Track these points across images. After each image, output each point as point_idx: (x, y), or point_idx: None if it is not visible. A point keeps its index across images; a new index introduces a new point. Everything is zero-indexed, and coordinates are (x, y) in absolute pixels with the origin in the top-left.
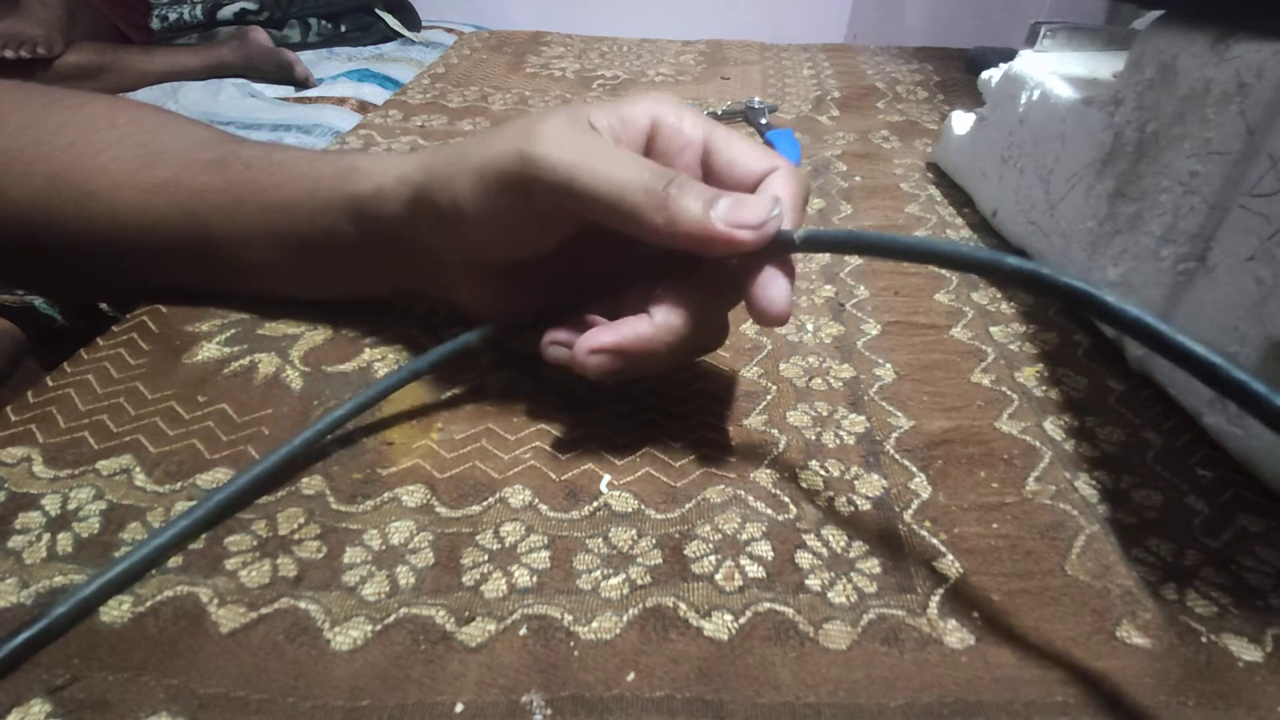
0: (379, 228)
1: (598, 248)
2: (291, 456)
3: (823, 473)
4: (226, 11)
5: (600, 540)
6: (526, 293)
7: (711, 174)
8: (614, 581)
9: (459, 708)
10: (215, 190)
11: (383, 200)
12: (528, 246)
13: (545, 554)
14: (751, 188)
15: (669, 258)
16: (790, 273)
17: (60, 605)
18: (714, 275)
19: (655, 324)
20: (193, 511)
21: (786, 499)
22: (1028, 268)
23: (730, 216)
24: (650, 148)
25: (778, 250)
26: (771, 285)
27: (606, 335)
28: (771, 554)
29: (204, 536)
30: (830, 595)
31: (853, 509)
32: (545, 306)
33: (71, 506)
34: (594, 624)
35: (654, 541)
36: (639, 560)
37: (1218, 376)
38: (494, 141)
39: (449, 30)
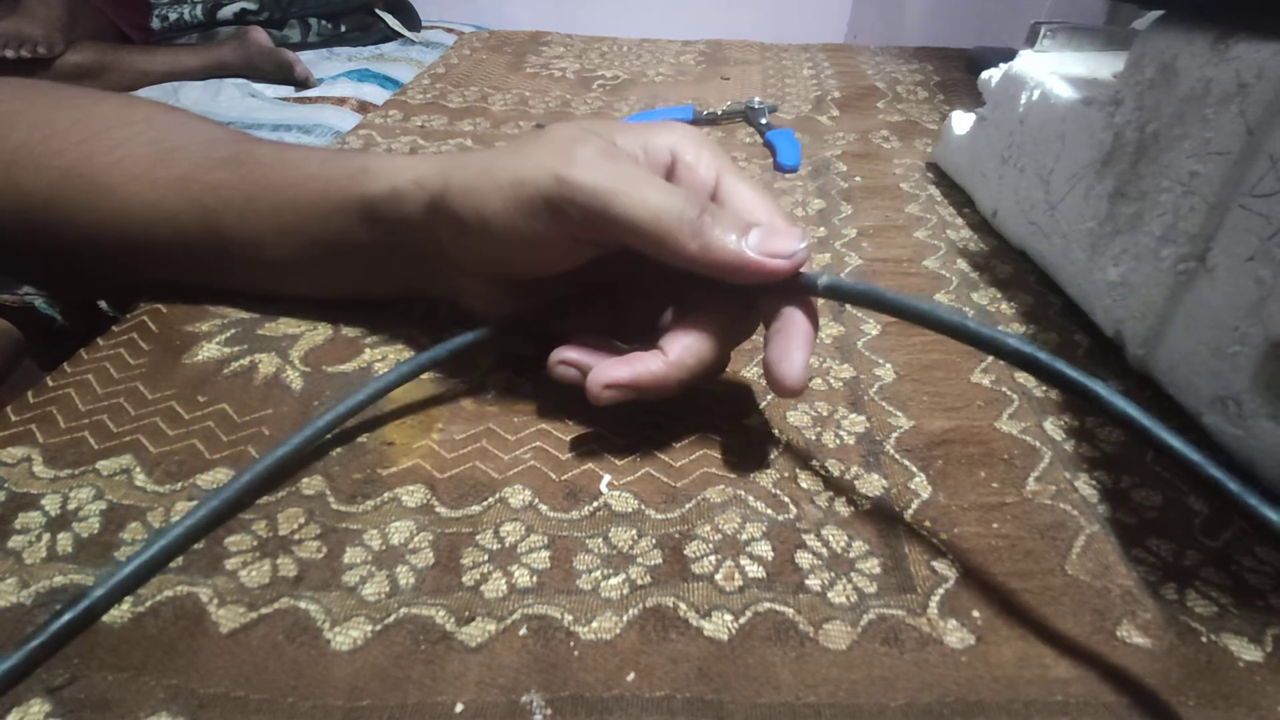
0: (390, 229)
1: (613, 262)
2: (292, 455)
3: (823, 473)
4: (226, 11)
5: (600, 540)
6: (533, 298)
7: None
8: (614, 581)
9: (459, 708)
10: (228, 187)
11: (396, 202)
12: (552, 266)
13: (545, 554)
14: None
15: (681, 277)
16: (808, 346)
17: (68, 612)
18: (725, 313)
19: (669, 363)
20: (196, 511)
21: (786, 499)
22: (1026, 350)
23: (762, 245)
24: (666, 179)
25: (801, 291)
26: (787, 359)
27: (621, 371)
28: (771, 554)
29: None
30: (830, 595)
31: (853, 509)
32: (551, 312)
33: (71, 506)
34: (594, 624)
35: (654, 541)
36: (639, 560)
37: (1198, 474)
38: (525, 161)
39: (449, 30)
